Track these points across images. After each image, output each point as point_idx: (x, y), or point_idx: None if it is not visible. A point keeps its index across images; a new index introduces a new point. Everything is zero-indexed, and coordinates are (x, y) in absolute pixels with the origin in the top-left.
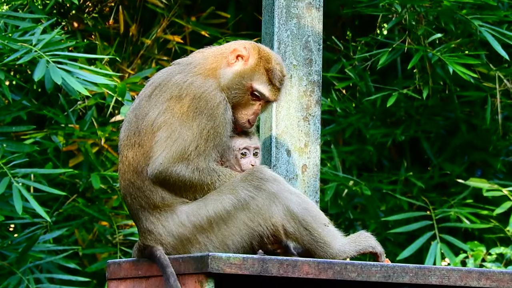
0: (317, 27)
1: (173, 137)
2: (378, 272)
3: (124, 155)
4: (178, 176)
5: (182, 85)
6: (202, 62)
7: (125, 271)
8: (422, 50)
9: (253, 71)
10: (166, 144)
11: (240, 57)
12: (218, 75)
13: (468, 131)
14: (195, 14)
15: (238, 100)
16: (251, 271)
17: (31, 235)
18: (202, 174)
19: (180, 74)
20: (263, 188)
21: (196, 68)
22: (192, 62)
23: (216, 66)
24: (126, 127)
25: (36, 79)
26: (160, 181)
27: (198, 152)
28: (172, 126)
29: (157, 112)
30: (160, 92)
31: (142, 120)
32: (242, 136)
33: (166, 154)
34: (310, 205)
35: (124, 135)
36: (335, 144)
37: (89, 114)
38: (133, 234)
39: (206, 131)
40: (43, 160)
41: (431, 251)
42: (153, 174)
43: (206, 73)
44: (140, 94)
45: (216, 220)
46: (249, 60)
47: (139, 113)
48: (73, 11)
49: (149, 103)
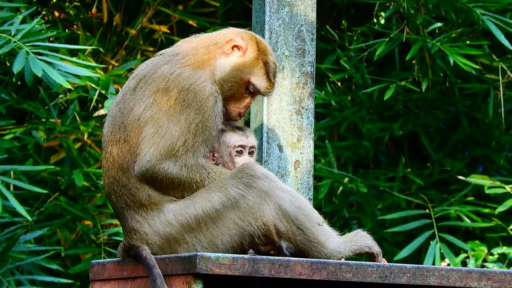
0: (311, 15)
1: (161, 133)
2: (374, 272)
3: (108, 151)
4: (165, 173)
5: (169, 76)
6: (192, 53)
7: (110, 272)
8: (421, 40)
9: (252, 64)
10: (154, 141)
11: (236, 47)
12: (212, 67)
13: (470, 125)
14: (182, 2)
15: (232, 93)
16: (241, 272)
17: (11, 235)
18: (191, 171)
19: (166, 65)
20: (254, 186)
21: (184, 59)
22: (180, 53)
23: (208, 57)
24: (110, 122)
25: (16, 71)
26: (147, 179)
27: (186, 148)
28: (159, 121)
29: (143, 106)
30: (145, 85)
31: (128, 115)
32: (239, 133)
33: (153, 151)
34: (303, 204)
35: (108, 131)
36: (329, 139)
37: (71, 108)
38: (118, 234)
39: (194, 125)
40: (23, 157)
41: (430, 251)
42: (140, 171)
43: (195, 64)
44: (123, 88)
45: (205, 219)
46: (247, 52)
47: (124, 108)
48: (54, 0)
49: (134, 96)
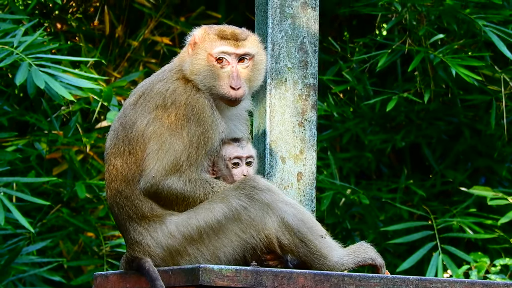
0: (313, 27)
1: (164, 149)
2: (377, 284)
3: (111, 164)
4: (170, 189)
5: (165, 93)
6: (178, 65)
7: (113, 283)
8: (423, 52)
9: (203, 42)
10: (158, 156)
11: (191, 45)
12: (183, 71)
13: (472, 136)
14: (184, 14)
15: (210, 76)
16: (244, 284)
17: (14, 246)
18: (195, 185)
19: (161, 82)
20: (256, 198)
21: (173, 72)
22: (173, 68)
23: (181, 66)
24: (113, 136)
25: (18, 83)
26: (151, 194)
27: (190, 162)
28: (162, 136)
29: (145, 122)
30: (144, 101)
31: (131, 129)
32: (234, 145)
33: (158, 167)
34: (306, 216)
35: (110, 144)
36: (331, 150)
37: (74, 120)
38: (120, 246)
39: (196, 138)
40: (25, 168)
41: (433, 262)
42: (145, 187)
43: (184, 76)
44: (125, 103)
45: (207, 231)
46: (197, 39)
47: (126, 122)
48: (56, 12)
49: (135, 111)
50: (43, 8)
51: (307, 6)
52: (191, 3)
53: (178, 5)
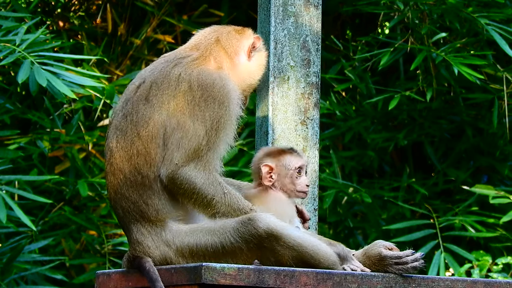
0: (316, 26)
1: (188, 136)
2: (379, 282)
3: (118, 168)
4: (184, 177)
5: (188, 77)
6: (204, 55)
7: (115, 282)
8: (425, 50)
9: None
10: (182, 144)
11: (253, 48)
12: (235, 69)
13: (474, 135)
14: (186, 12)
15: (250, 91)
16: (246, 282)
17: (16, 245)
18: (207, 179)
19: (178, 67)
20: (255, 242)
21: (197, 60)
22: (186, 56)
23: (229, 59)
24: (119, 135)
25: (20, 81)
26: (169, 183)
27: (209, 146)
28: (185, 124)
29: (165, 114)
30: (159, 91)
31: (145, 126)
32: (295, 155)
33: (181, 154)
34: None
35: (117, 145)
36: (334, 149)
37: (76, 118)
38: (123, 244)
39: (217, 120)
40: (27, 166)
41: (435, 261)
42: (165, 175)
43: (213, 64)
44: (128, 98)
45: (199, 254)
46: (262, 49)
47: (137, 119)
48: (59, 10)
49: (149, 105)
50: (46, 6)
51: (309, 5)
52: (194, 2)
53: (181, 3)
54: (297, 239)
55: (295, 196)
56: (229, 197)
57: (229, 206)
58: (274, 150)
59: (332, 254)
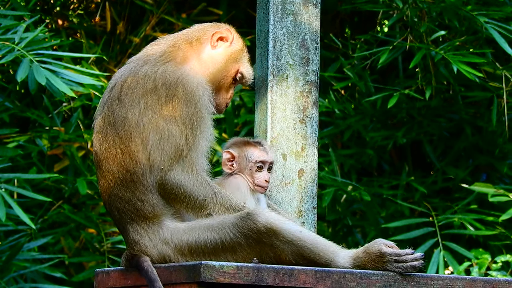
0: (314, 24)
1: (164, 137)
2: (378, 281)
3: (106, 170)
4: (173, 182)
5: (154, 75)
6: (169, 50)
7: (114, 280)
8: (424, 48)
9: (239, 53)
10: (161, 146)
11: (221, 39)
12: (199, 61)
13: (473, 133)
14: (185, 10)
15: (221, 85)
16: (245, 281)
17: (15, 243)
18: (196, 181)
19: (146, 65)
20: (254, 237)
21: (163, 56)
22: (154, 54)
23: (193, 52)
24: (101, 138)
25: (19, 80)
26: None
27: (189, 146)
28: (158, 125)
29: (137, 113)
30: (129, 90)
31: (122, 126)
32: (260, 149)
33: (163, 158)
34: (307, 252)
35: (100, 148)
36: (333, 147)
37: (75, 116)
38: (122, 242)
39: (188, 119)
40: (27, 165)
41: (434, 259)
42: (155, 181)
43: (178, 60)
44: (103, 101)
45: (198, 252)
46: (234, 43)
47: (114, 120)
48: (58, 8)
49: (122, 105)
50: (45, 4)
51: (308, 3)
52: (193, 0)
53: (180, 2)
54: (296, 233)
55: (254, 189)
56: (219, 196)
57: (221, 205)
58: (241, 141)
59: (332, 244)
